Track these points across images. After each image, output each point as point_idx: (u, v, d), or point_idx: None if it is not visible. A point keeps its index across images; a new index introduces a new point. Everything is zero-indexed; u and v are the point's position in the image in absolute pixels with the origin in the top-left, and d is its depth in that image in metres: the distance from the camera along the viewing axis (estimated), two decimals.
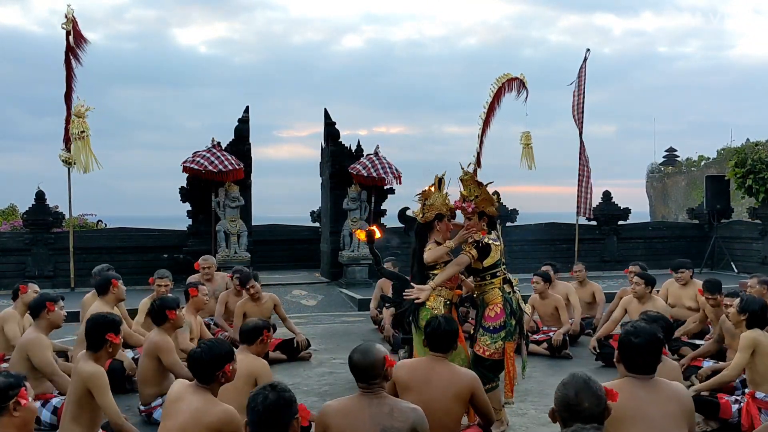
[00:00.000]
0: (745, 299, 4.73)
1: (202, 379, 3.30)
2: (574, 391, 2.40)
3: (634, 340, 2.91)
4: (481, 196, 4.74)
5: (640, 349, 2.89)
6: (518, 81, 10.64)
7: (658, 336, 2.98)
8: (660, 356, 2.98)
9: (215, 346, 3.35)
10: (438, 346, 3.71)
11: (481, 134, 10.82)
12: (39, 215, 12.20)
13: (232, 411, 3.27)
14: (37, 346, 4.53)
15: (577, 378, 2.47)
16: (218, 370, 3.27)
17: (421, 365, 3.63)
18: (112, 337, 3.90)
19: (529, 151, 11.75)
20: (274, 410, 2.46)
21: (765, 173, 13.67)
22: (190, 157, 11.62)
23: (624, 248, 14.88)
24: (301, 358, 6.92)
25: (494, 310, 4.65)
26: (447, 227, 4.89)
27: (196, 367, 3.31)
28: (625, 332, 3.00)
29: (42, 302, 4.68)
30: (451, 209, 4.96)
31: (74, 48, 11.20)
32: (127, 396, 5.36)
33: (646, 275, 6.55)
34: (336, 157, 12.80)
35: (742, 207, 18.54)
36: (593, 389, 2.42)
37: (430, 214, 4.89)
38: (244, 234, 11.85)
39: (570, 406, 2.39)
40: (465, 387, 3.58)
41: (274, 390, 2.50)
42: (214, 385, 3.32)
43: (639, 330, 2.94)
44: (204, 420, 3.18)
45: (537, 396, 5.33)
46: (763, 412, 4.40)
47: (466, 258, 4.60)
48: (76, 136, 10.69)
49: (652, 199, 30.57)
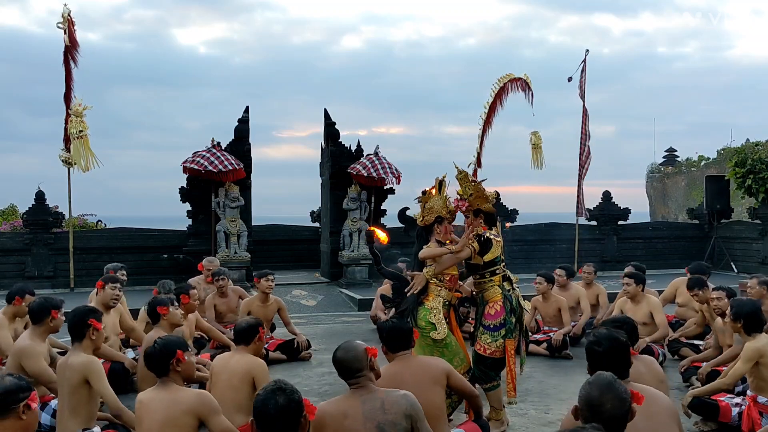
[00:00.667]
0: (735, 306, 4.57)
1: (159, 371, 3.44)
2: (598, 391, 2.39)
3: (598, 348, 2.94)
4: (475, 193, 4.74)
5: (604, 356, 2.91)
6: (521, 81, 10.66)
7: (621, 339, 2.98)
8: (628, 359, 2.99)
9: (168, 339, 3.55)
10: (398, 345, 3.72)
11: (481, 134, 10.84)
12: (39, 215, 12.20)
13: (206, 393, 3.44)
14: (31, 354, 4.46)
15: (602, 378, 2.45)
16: (171, 357, 3.41)
17: (392, 368, 3.65)
18: (94, 323, 4.01)
19: (539, 151, 11.75)
20: (284, 415, 2.48)
21: (765, 173, 13.67)
22: (190, 157, 11.63)
23: (624, 248, 14.88)
24: (301, 358, 6.93)
25: (494, 308, 4.64)
26: (447, 230, 4.89)
27: (151, 360, 3.46)
28: (588, 342, 3.02)
29: (47, 309, 4.58)
30: (452, 212, 4.97)
31: (71, 48, 11.19)
32: (127, 396, 5.36)
33: (635, 274, 6.57)
34: (336, 157, 12.80)
35: (741, 207, 18.55)
36: (617, 391, 2.40)
37: (430, 217, 4.90)
38: (244, 234, 11.85)
39: (593, 406, 2.38)
40: (438, 371, 3.64)
41: (284, 393, 2.52)
42: (173, 375, 3.44)
43: (600, 337, 2.97)
44: (181, 407, 3.30)
45: (537, 396, 5.32)
46: (765, 416, 4.36)
47: (468, 250, 4.59)
48: (74, 135, 10.68)
49: (652, 200, 30.57)
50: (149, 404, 3.36)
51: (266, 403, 2.50)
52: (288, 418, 2.50)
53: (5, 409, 2.64)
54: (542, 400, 5.20)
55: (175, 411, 3.29)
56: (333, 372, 6.33)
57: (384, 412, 2.95)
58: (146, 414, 3.34)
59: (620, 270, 12.49)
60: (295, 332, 7.09)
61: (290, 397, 2.52)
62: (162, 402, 3.33)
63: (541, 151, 11.80)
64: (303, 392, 3.20)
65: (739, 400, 4.61)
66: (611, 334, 3.00)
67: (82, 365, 3.88)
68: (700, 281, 6.10)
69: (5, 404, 2.64)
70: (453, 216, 5.00)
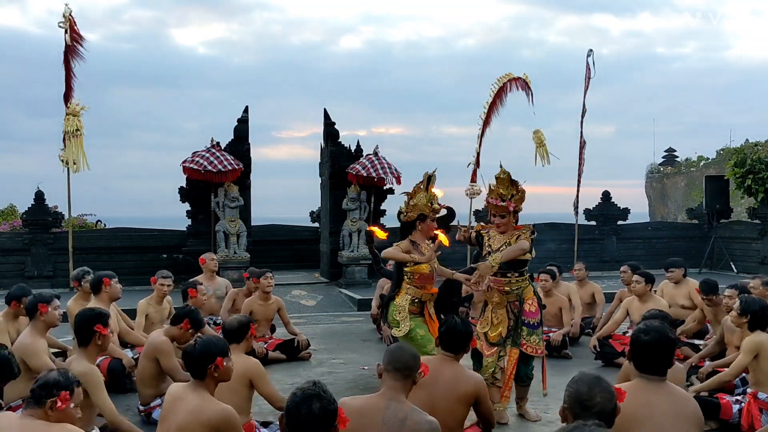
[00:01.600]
0: (745, 301, 4.68)
1: (195, 373, 3.35)
2: (586, 386, 2.42)
3: (644, 337, 2.88)
4: (517, 195, 4.76)
5: (649, 347, 2.85)
6: (521, 81, 10.66)
7: (669, 336, 2.93)
8: (672, 358, 2.94)
9: (209, 341, 3.42)
10: (451, 345, 3.71)
11: (481, 134, 10.85)
12: (38, 215, 12.19)
13: (231, 410, 3.28)
14: (32, 351, 4.47)
15: (587, 375, 2.49)
16: (210, 363, 3.31)
17: (431, 364, 3.59)
18: (100, 329, 3.97)
19: (544, 148, 11.73)
20: (317, 422, 2.41)
21: (764, 173, 13.67)
22: (189, 158, 11.62)
23: (623, 248, 14.88)
24: (301, 358, 6.92)
25: (533, 306, 4.79)
26: (429, 228, 4.92)
27: (189, 361, 3.37)
28: (636, 330, 2.98)
29: (35, 305, 4.61)
30: (435, 210, 4.97)
31: (73, 47, 11.16)
32: (126, 396, 5.36)
33: (645, 273, 6.54)
34: (336, 157, 12.80)
35: (741, 207, 18.56)
36: (604, 385, 2.44)
37: (413, 213, 4.93)
38: (243, 234, 11.84)
39: (582, 401, 2.39)
40: (470, 391, 3.58)
41: (320, 401, 2.43)
42: (208, 381, 3.34)
43: (650, 328, 2.91)
44: (201, 418, 3.20)
45: (537, 396, 5.31)
46: (764, 413, 4.38)
47: (528, 244, 4.63)
48: (70, 134, 10.61)
49: (652, 200, 30.60)
50: (177, 403, 3.28)
51: (300, 406, 2.42)
52: (319, 427, 2.41)
53: (38, 400, 2.87)
54: (542, 400, 5.20)
55: (194, 422, 3.20)
56: (333, 372, 6.39)
57: (403, 426, 2.88)
58: (170, 409, 3.29)
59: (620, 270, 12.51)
60: (294, 332, 7.07)
61: (327, 407, 2.43)
62: (188, 405, 3.24)
63: (545, 148, 11.76)
64: None
65: (739, 397, 4.63)
66: (662, 328, 2.94)
67: (81, 376, 3.83)
68: (713, 287, 6.07)
69: (39, 396, 2.87)
70: (435, 214, 5.02)
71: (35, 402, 2.87)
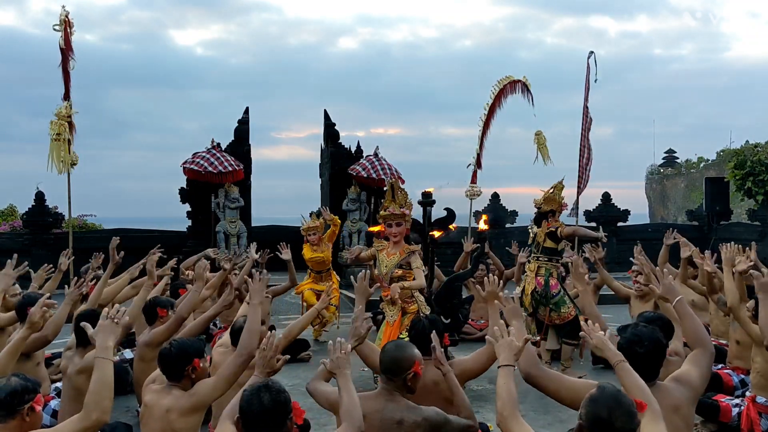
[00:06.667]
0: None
1: (171, 376, 3.27)
2: (606, 410, 2.24)
3: (639, 350, 2.79)
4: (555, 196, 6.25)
5: (645, 359, 2.78)
6: (521, 83, 10.66)
7: (662, 341, 2.87)
8: (662, 361, 2.88)
9: (185, 343, 3.35)
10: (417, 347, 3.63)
11: (481, 135, 10.84)
12: (38, 216, 12.20)
13: (200, 383, 3.26)
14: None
15: (605, 393, 2.30)
16: (187, 364, 3.25)
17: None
18: None
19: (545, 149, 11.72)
20: (269, 414, 2.40)
21: (764, 175, 13.68)
22: (189, 159, 11.64)
23: (623, 250, 14.83)
24: (300, 359, 6.92)
25: (553, 281, 6.00)
26: (402, 231, 5.47)
27: (166, 363, 3.28)
28: (627, 341, 2.85)
29: (23, 306, 4.51)
30: (405, 215, 5.51)
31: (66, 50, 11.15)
32: (126, 397, 5.36)
33: None
34: (336, 158, 12.80)
35: (741, 209, 18.56)
36: (625, 406, 2.27)
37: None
38: (243, 235, 11.85)
39: (601, 424, 2.25)
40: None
41: (269, 392, 2.43)
42: (185, 382, 3.28)
43: (643, 337, 2.82)
44: (173, 415, 3.17)
45: (536, 396, 5.31)
46: (764, 417, 4.38)
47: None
48: (52, 137, 10.47)
49: (652, 201, 30.61)
50: (151, 410, 3.24)
51: (250, 401, 2.42)
52: (273, 419, 2.40)
53: (11, 410, 2.60)
54: (542, 400, 5.19)
55: (172, 417, 3.18)
56: None
57: (400, 429, 2.87)
58: (150, 418, 3.25)
59: (619, 271, 12.51)
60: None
61: (276, 397, 2.42)
62: (161, 410, 3.20)
63: (546, 149, 11.76)
64: (302, 393, 3.19)
65: (738, 401, 4.63)
66: (654, 335, 2.85)
67: (85, 365, 3.83)
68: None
69: (10, 405, 2.60)
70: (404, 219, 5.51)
71: (7, 413, 2.60)
